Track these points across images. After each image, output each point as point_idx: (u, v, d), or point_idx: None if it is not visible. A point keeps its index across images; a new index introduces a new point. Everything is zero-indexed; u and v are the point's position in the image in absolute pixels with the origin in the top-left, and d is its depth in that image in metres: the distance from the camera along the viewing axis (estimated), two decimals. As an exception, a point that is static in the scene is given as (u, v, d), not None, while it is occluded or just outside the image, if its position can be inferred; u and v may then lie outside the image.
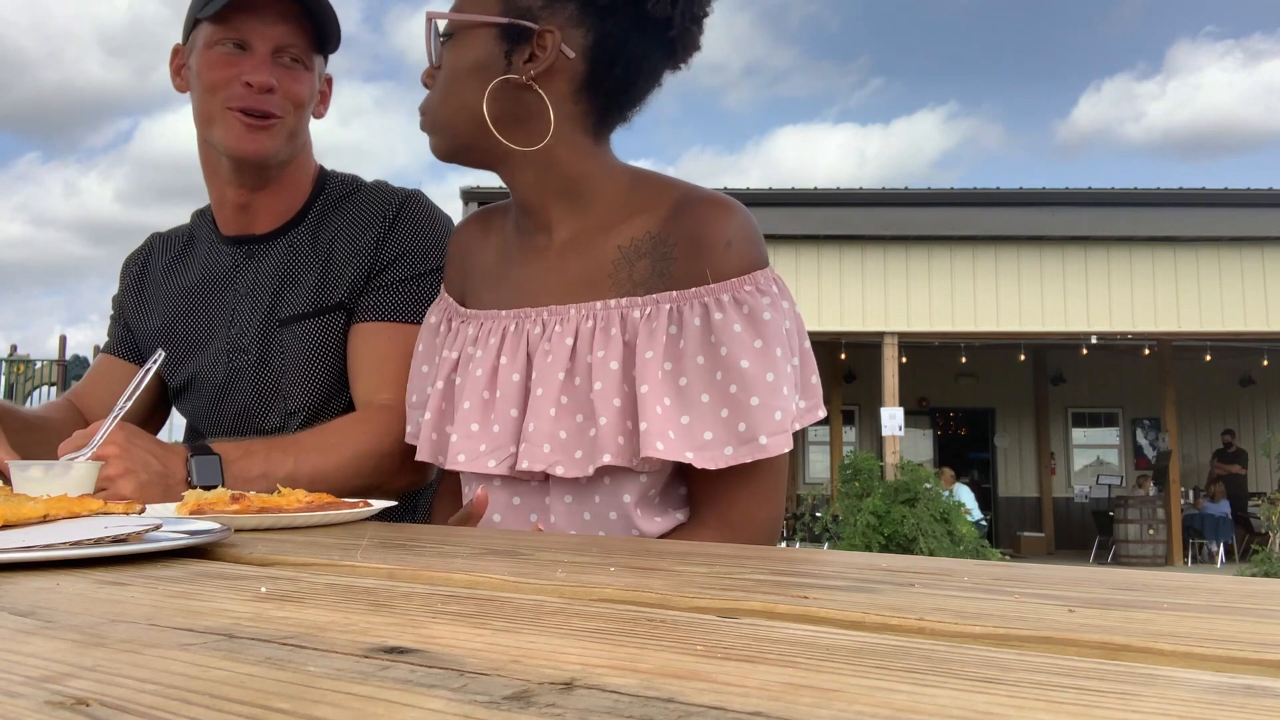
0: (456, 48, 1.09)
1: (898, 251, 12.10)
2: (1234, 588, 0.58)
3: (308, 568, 0.62)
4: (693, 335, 1.01)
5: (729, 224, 1.04)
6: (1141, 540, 12.89)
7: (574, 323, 1.07)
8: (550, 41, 1.05)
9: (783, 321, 1.03)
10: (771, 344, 1.00)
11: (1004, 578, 0.60)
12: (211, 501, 0.88)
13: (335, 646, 0.37)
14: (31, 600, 0.48)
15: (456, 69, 1.08)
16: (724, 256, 1.02)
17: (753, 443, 0.98)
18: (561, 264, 1.11)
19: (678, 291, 1.03)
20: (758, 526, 1.03)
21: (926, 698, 0.31)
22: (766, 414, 0.98)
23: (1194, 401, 15.38)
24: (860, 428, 16.11)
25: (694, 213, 1.05)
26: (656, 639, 0.40)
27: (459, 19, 1.08)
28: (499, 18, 1.05)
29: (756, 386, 0.98)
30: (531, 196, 1.12)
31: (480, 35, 1.07)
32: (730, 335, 1.00)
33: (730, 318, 1.00)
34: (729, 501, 1.03)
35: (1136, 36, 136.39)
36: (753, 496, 1.03)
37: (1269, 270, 11.92)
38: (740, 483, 1.02)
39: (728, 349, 0.99)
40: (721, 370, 0.99)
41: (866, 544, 10.20)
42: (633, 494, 1.03)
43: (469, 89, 1.07)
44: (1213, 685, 0.33)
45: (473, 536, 0.86)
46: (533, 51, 1.06)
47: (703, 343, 1.01)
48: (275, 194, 1.46)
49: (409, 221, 1.42)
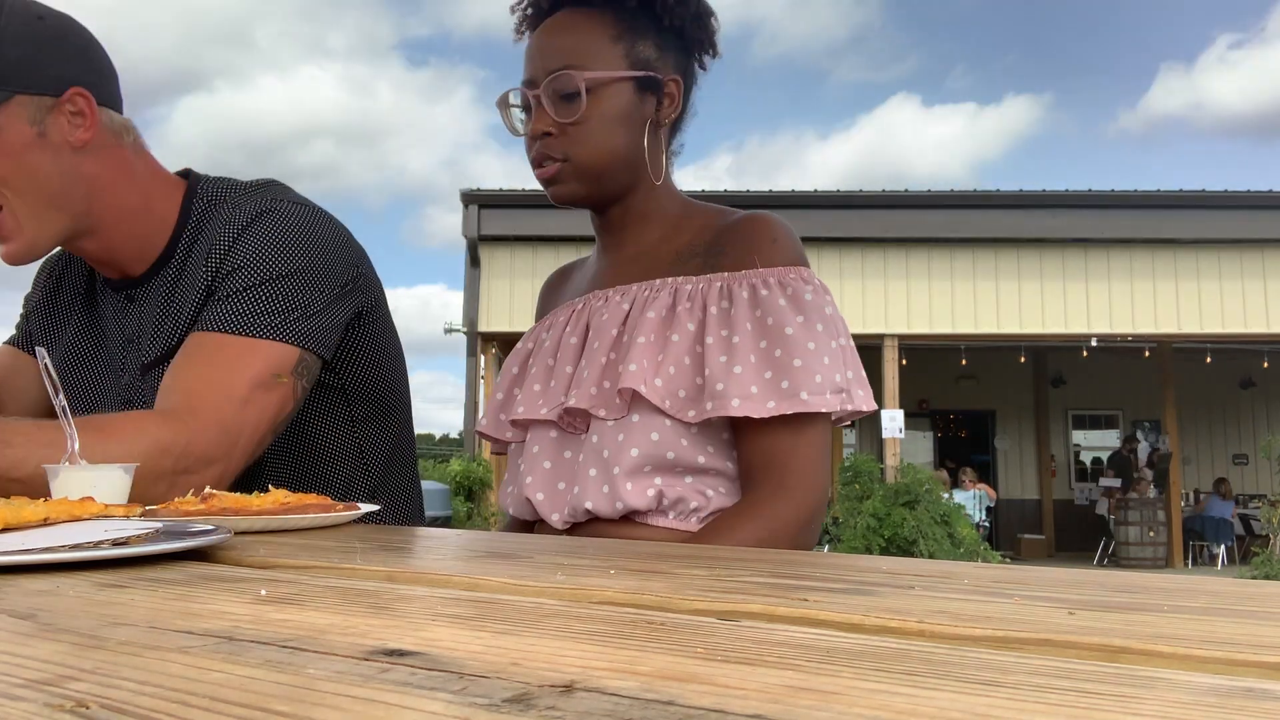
0: (600, 100, 1.18)
1: (898, 253, 12.11)
2: (1234, 590, 0.58)
3: (307, 570, 0.62)
4: (741, 306, 1.11)
5: (776, 227, 1.17)
6: (1142, 542, 12.89)
7: (632, 293, 1.20)
8: (676, 90, 1.22)
9: (823, 306, 1.13)
10: (813, 319, 1.11)
11: (1004, 580, 0.60)
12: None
13: (335, 649, 0.37)
14: (31, 603, 0.48)
15: (605, 118, 1.18)
16: (770, 250, 1.15)
17: (794, 398, 1.06)
18: (625, 265, 1.25)
19: (729, 273, 1.15)
20: (807, 487, 1.09)
21: (926, 700, 0.31)
22: (808, 375, 1.07)
23: (1194, 403, 15.37)
24: (860, 430, 16.09)
25: (743, 221, 1.19)
26: (656, 641, 0.40)
27: (605, 76, 1.18)
28: (636, 71, 1.19)
29: (798, 350, 1.08)
30: (641, 226, 1.25)
31: (620, 88, 1.19)
32: (775, 308, 1.10)
33: (775, 295, 1.11)
34: (778, 462, 1.09)
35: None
36: (799, 457, 1.09)
37: (1269, 272, 11.92)
38: (788, 444, 1.09)
39: (773, 319, 1.10)
40: (766, 338, 1.09)
41: (866, 546, 10.20)
42: (659, 437, 1.10)
43: (620, 135, 1.19)
44: (1212, 688, 0.33)
45: (472, 539, 0.86)
46: (660, 98, 1.21)
47: (750, 314, 1.11)
48: (114, 246, 1.30)
49: (254, 237, 1.25)
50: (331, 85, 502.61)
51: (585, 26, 1.19)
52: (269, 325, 1.20)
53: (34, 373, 1.43)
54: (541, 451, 1.19)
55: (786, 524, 1.07)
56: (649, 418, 1.10)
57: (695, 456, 1.11)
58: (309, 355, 1.23)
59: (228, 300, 1.22)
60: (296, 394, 1.23)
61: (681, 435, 1.10)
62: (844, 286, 12.06)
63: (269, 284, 1.22)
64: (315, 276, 1.25)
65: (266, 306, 1.21)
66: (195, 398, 1.15)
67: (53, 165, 1.20)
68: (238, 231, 1.26)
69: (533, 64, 1.20)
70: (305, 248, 1.25)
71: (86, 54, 1.25)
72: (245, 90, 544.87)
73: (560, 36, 1.19)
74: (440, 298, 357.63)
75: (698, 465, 1.11)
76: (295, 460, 1.35)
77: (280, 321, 1.21)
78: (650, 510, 1.11)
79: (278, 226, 1.26)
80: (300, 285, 1.23)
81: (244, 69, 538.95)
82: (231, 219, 1.27)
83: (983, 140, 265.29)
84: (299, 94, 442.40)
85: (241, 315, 1.20)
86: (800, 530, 1.08)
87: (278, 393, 1.20)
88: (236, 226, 1.26)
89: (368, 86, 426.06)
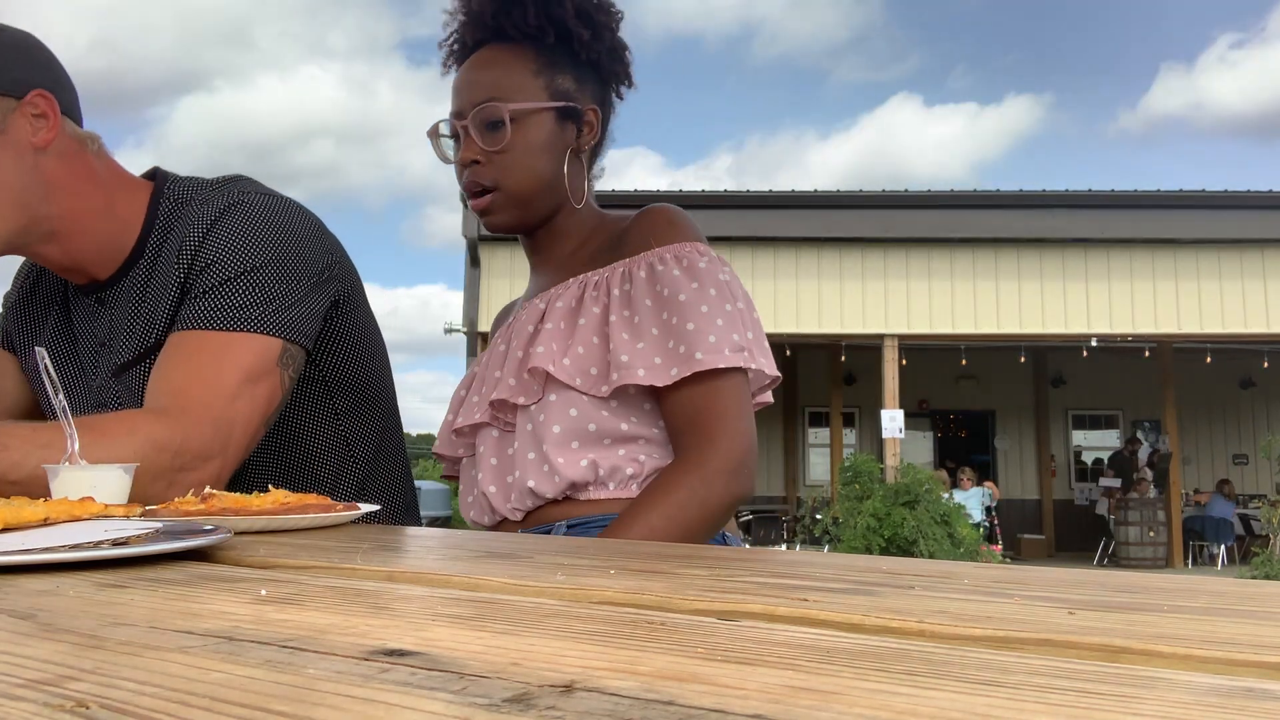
0: (523, 129, 1.26)
1: (898, 253, 12.10)
2: (1234, 590, 0.58)
3: (307, 570, 0.62)
4: (640, 284, 1.20)
5: (670, 212, 1.27)
6: (1142, 542, 12.89)
7: (548, 295, 1.28)
8: (595, 118, 1.31)
9: (718, 274, 1.21)
10: (706, 285, 1.18)
11: (1004, 580, 0.60)
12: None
13: (335, 649, 0.37)
14: (31, 603, 0.48)
15: (529, 146, 1.26)
16: (666, 231, 1.24)
17: (690, 359, 1.14)
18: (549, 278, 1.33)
19: (630, 258, 1.24)
20: (729, 433, 1.14)
21: (926, 700, 0.31)
22: (702, 337, 1.15)
23: (1194, 403, 15.38)
24: (860, 430, 16.11)
25: (641, 213, 1.28)
26: (656, 641, 0.40)
27: (527, 107, 1.26)
28: (557, 102, 1.27)
29: (692, 315, 1.16)
30: (561, 242, 1.33)
31: (542, 117, 1.27)
32: (670, 279, 1.19)
33: (670, 267, 1.20)
34: (698, 419, 1.16)
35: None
36: (717, 410, 1.15)
37: (1269, 272, 11.92)
38: (703, 401, 1.16)
39: (669, 290, 1.18)
40: (666, 309, 1.18)
41: (866, 546, 10.20)
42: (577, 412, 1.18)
43: (543, 161, 1.27)
44: (1213, 688, 0.33)
45: (472, 539, 0.86)
46: (579, 127, 1.30)
47: (649, 290, 1.20)
48: (76, 250, 1.28)
49: (225, 230, 1.25)
50: (331, 85, 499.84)
51: (508, 61, 1.27)
52: (249, 318, 1.20)
53: (12, 371, 1.43)
54: (487, 451, 1.27)
55: (718, 471, 1.12)
56: (565, 395, 1.18)
57: (618, 425, 1.18)
58: (292, 346, 1.23)
59: (204, 296, 1.22)
60: (284, 385, 1.23)
61: (600, 408, 1.18)
62: (844, 287, 12.06)
63: (244, 277, 1.22)
64: (290, 266, 1.25)
65: (244, 300, 1.21)
66: (184, 396, 1.15)
67: (13, 164, 1.20)
68: (207, 226, 1.25)
69: (460, 96, 1.28)
70: (277, 238, 1.25)
71: (48, 64, 1.25)
72: (245, 90, 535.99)
73: (485, 71, 1.27)
74: (440, 298, 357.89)
75: (623, 434, 1.19)
76: (281, 455, 1.35)
77: (260, 314, 1.20)
78: (590, 483, 1.18)
79: (248, 218, 1.26)
80: (276, 276, 1.23)
81: (244, 69, 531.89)
82: (200, 215, 1.27)
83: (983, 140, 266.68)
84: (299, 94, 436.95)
85: (220, 310, 1.20)
86: (732, 475, 1.13)
87: (266, 385, 1.20)
88: (206, 222, 1.25)
89: (368, 86, 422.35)
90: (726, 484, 1.12)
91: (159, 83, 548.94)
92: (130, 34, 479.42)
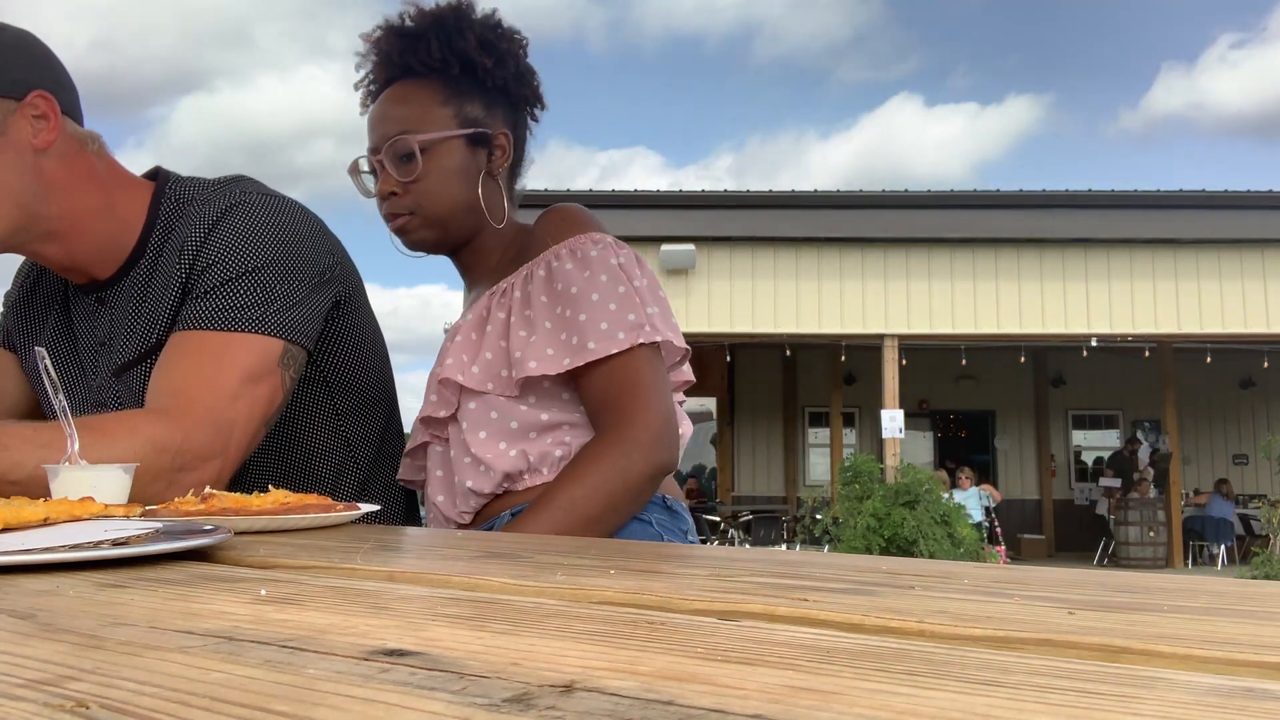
0: (434, 158, 1.32)
1: (898, 254, 12.10)
2: (1234, 590, 0.58)
3: (307, 570, 0.62)
4: (538, 283, 1.26)
5: (565, 209, 1.33)
6: (1142, 542, 12.89)
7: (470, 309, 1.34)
8: (506, 141, 1.36)
9: (609, 259, 1.25)
10: (597, 272, 1.23)
11: (1004, 580, 0.60)
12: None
13: (335, 649, 0.37)
14: (31, 603, 0.48)
15: (442, 173, 1.32)
16: (560, 228, 1.29)
17: (583, 349, 1.18)
18: (475, 295, 1.39)
19: (531, 261, 1.29)
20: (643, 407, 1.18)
21: (926, 700, 0.31)
22: (592, 326, 1.19)
23: (1194, 403, 15.37)
24: (860, 430, 16.10)
25: (540, 216, 1.34)
26: (656, 641, 0.40)
27: (436, 136, 1.32)
28: (466, 129, 1.33)
29: (583, 305, 1.21)
30: (487, 259, 1.38)
31: (451, 145, 1.33)
32: (564, 273, 1.24)
33: (564, 261, 1.25)
34: (610, 398, 1.20)
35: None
36: (628, 388, 1.19)
37: (1269, 272, 11.92)
38: (613, 383, 1.20)
39: (562, 284, 1.24)
40: (559, 303, 1.23)
41: (866, 546, 10.20)
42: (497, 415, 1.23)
43: (456, 186, 1.32)
44: (1213, 688, 0.33)
45: (472, 539, 0.86)
46: (490, 150, 1.35)
47: (546, 287, 1.25)
48: (76, 250, 1.28)
49: (226, 230, 1.25)
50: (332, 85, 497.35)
51: (416, 95, 1.33)
52: (250, 319, 1.20)
53: (12, 371, 1.43)
54: (433, 466, 1.32)
55: (636, 442, 1.16)
56: (482, 400, 1.23)
57: (539, 417, 1.23)
58: (293, 346, 1.23)
59: (206, 297, 1.22)
60: (285, 386, 1.23)
61: (518, 405, 1.23)
62: (844, 287, 12.06)
63: (246, 277, 1.22)
64: (291, 267, 1.25)
65: (246, 300, 1.21)
66: (185, 396, 1.15)
67: (13, 165, 1.20)
68: (209, 227, 1.25)
69: (374, 132, 1.34)
70: (279, 238, 1.25)
71: (48, 64, 1.25)
72: (245, 90, 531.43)
73: (396, 106, 1.33)
74: (440, 298, 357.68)
75: (545, 424, 1.23)
76: (281, 456, 1.35)
77: (261, 314, 1.21)
78: (523, 471, 1.22)
79: (249, 219, 1.26)
80: (277, 276, 1.23)
81: (244, 69, 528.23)
82: (202, 215, 1.27)
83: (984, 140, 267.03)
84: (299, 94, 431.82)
85: (222, 311, 1.20)
86: (651, 446, 1.16)
87: (267, 385, 1.20)
88: (207, 222, 1.25)
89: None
90: (646, 454, 1.16)
91: (159, 83, 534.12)
92: (130, 34, 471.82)
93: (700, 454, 18.30)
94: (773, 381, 16.00)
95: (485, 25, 1.34)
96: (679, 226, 12.14)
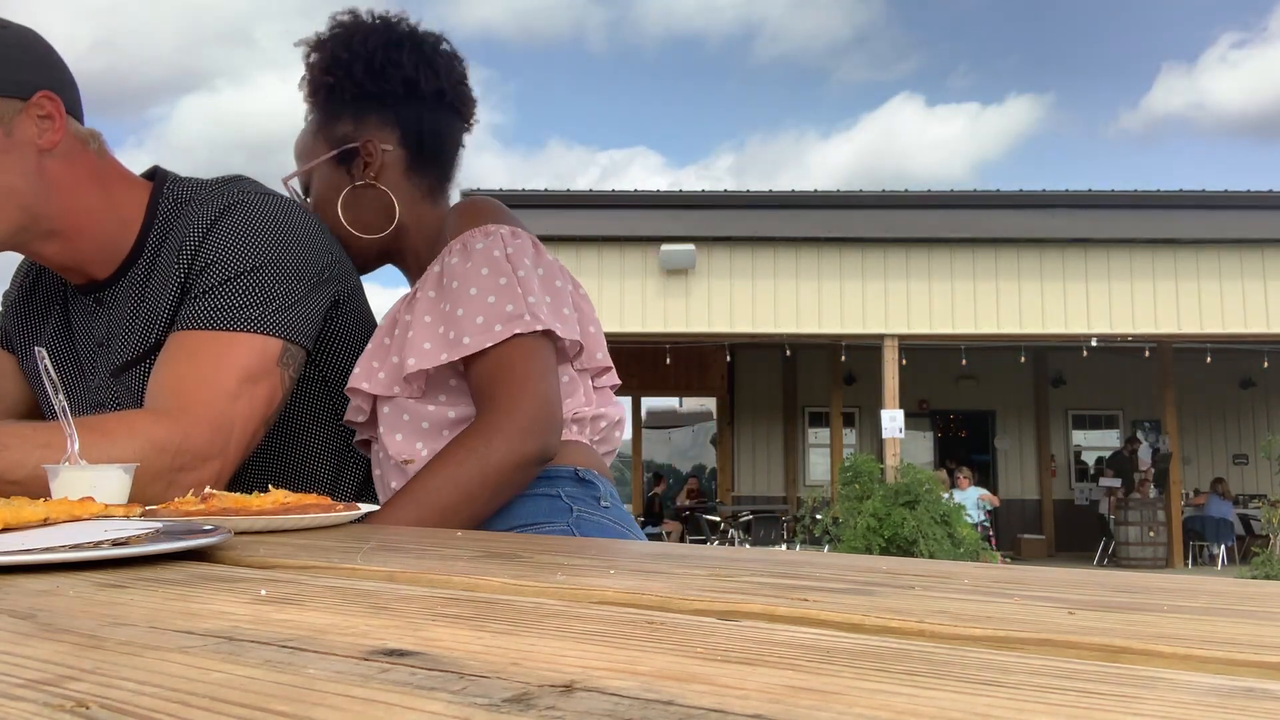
0: (316, 188, 1.40)
1: (898, 254, 12.11)
2: (1234, 590, 0.58)
3: (307, 570, 0.62)
4: (431, 280, 1.26)
5: (466, 203, 1.33)
6: (1142, 542, 12.89)
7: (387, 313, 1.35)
8: (372, 148, 1.37)
9: (493, 250, 1.24)
10: (478, 264, 1.23)
11: (1004, 580, 0.60)
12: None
13: (335, 649, 0.37)
14: (31, 603, 0.48)
15: (322, 199, 1.39)
16: (458, 223, 1.29)
17: (459, 344, 1.18)
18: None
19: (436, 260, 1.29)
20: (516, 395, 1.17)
21: (926, 700, 0.31)
22: (468, 320, 1.19)
23: (1194, 403, 15.38)
24: (860, 430, 16.11)
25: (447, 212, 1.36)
26: (656, 642, 0.40)
27: (304, 169, 1.40)
28: (329, 152, 1.38)
29: (461, 299, 1.20)
30: (421, 261, 1.39)
31: (324, 169, 1.39)
32: (450, 268, 1.24)
33: (452, 256, 1.25)
34: (487, 389, 1.19)
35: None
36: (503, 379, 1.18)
37: (1269, 272, 11.92)
38: (489, 375, 1.19)
39: (447, 278, 1.24)
40: (443, 298, 1.23)
41: (866, 546, 10.20)
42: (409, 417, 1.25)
43: (332, 210, 1.37)
44: (1213, 688, 0.33)
45: (472, 539, 0.86)
46: (364, 161, 1.38)
47: (436, 283, 1.25)
48: (76, 249, 1.28)
49: (225, 230, 1.25)
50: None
51: (303, 132, 1.44)
52: (249, 318, 1.20)
53: (12, 371, 1.43)
54: (373, 467, 1.33)
55: (499, 431, 1.14)
56: (394, 404, 1.24)
57: (446, 414, 1.24)
58: (292, 346, 1.23)
59: (205, 296, 1.22)
60: (284, 385, 1.23)
61: (426, 404, 1.24)
62: (844, 287, 12.06)
63: (244, 276, 1.22)
64: (290, 266, 1.25)
65: (245, 299, 1.21)
66: (184, 396, 1.15)
67: (18, 166, 1.20)
68: (207, 226, 1.25)
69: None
70: (277, 238, 1.25)
71: (52, 62, 1.25)
72: (246, 90, 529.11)
73: (295, 147, 1.45)
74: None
75: (453, 420, 1.24)
76: (281, 456, 1.35)
77: (260, 314, 1.21)
78: None
79: (248, 218, 1.26)
80: (276, 276, 1.23)
81: (244, 69, 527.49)
82: (200, 214, 1.27)
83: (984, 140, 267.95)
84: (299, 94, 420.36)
85: (220, 310, 1.20)
86: (518, 435, 1.14)
87: (266, 385, 1.20)
88: (206, 221, 1.25)
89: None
90: (509, 443, 1.13)
91: (159, 82, 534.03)
92: (130, 34, 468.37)
93: (700, 454, 18.30)
94: (773, 381, 16.02)
95: (336, 40, 1.38)
96: (679, 226, 12.15)
